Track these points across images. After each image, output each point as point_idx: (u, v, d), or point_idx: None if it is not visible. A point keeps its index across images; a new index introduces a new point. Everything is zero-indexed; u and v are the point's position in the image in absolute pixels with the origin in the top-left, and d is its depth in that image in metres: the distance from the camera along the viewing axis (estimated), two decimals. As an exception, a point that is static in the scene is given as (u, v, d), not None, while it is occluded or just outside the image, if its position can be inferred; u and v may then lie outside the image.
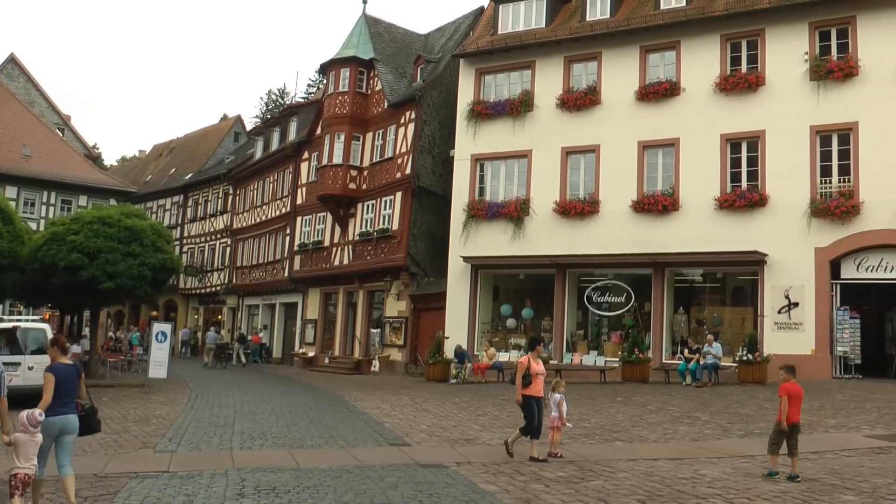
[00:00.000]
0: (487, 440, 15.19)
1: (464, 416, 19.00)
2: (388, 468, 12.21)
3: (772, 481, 11.16)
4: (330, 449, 14.35)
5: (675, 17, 29.27)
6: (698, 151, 28.27)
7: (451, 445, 14.59)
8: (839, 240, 26.07)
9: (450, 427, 17.07)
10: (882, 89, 26.07)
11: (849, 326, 25.85)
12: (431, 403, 21.58)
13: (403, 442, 15.04)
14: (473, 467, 12.35)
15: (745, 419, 17.66)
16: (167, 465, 12.45)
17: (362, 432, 16.37)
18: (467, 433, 16.13)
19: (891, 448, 13.95)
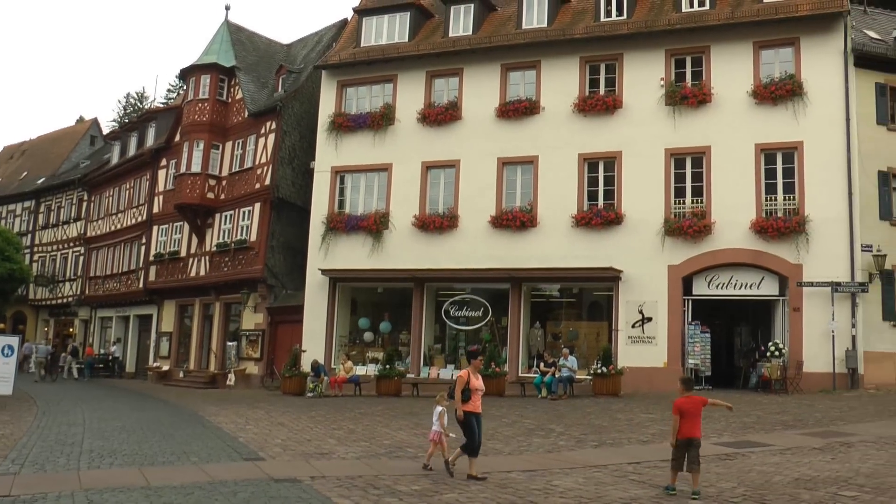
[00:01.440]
0: (342, 454, 15.05)
1: (319, 430, 18.78)
2: (241, 484, 11.92)
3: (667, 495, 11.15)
4: (182, 466, 13.87)
5: (536, 37, 29.80)
6: (557, 169, 28.82)
7: (305, 460, 14.37)
8: (691, 258, 27.11)
9: (305, 441, 16.84)
10: (733, 116, 27.42)
11: (700, 340, 26.98)
12: (287, 417, 21.25)
13: (257, 457, 14.72)
14: (328, 481, 12.19)
15: (599, 430, 18.02)
16: (9, 488, 11.61)
17: (216, 448, 16.00)
18: (322, 447, 15.93)
19: (736, 454, 14.50)
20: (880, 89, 27.86)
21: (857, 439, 16.06)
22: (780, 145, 27.01)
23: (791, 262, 26.28)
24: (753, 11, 27.69)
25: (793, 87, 26.88)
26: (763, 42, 27.75)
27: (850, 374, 25.56)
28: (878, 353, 26.22)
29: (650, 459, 13.99)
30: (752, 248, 26.62)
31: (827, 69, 27.06)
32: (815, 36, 27.39)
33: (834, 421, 18.98)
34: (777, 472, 12.78)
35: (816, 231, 26.24)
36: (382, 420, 20.47)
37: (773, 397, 24.11)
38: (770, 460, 13.86)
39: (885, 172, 27.44)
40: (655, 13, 29.16)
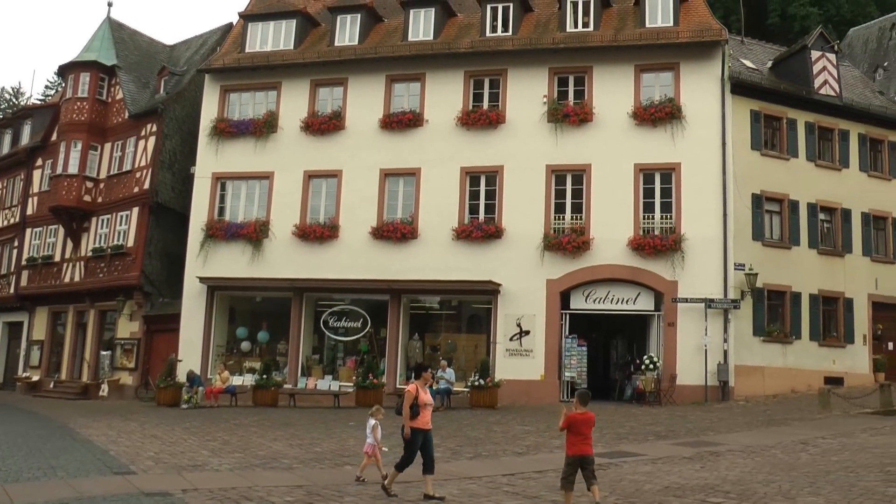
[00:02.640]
0: (216, 466, 14.78)
1: (193, 441, 18.38)
2: (110, 499, 11.56)
3: None
4: (49, 481, 13.28)
5: (421, 50, 29.81)
6: (439, 182, 28.84)
7: (178, 472, 14.04)
8: (570, 272, 27.50)
9: (178, 453, 16.45)
10: (613, 136, 28.02)
11: (576, 353, 27.40)
12: (161, 429, 20.69)
13: (128, 470, 14.27)
14: (200, 494, 11.98)
15: (475, 442, 18.10)
16: None
17: (85, 461, 15.43)
18: (196, 459, 15.61)
19: (610, 464, 14.76)
20: (755, 116, 28.84)
21: (725, 448, 16.64)
22: (658, 166, 27.66)
23: (667, 279, 26.90)
24: (635, 35, 28.32)
25: (672, 110, 27.59)
26: (644, 65, 28.43)
27: (722, 386, 26.35)
28: (749, 367, 27.18)
29: (524, 471, 14.12)
30: (630, 264, 27.15)
31: (705, 95, 27.89)
32: (694, 62, 28.21)
33: (705, 431, 19.57)
34: (648, 481, 13.06)
35: (692, 249, 26.94)
36: (258, 431, 20.12)
37: (647, 409, 24.72)
38: (642, 469, 14.17)
39: (759, 195, 28.38)
40: (540, 31, 29.55)
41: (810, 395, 26.29)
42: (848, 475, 13.23)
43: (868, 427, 19.84)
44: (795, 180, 29.33)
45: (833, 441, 17.63)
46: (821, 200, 29.79)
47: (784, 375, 27.92)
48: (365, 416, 22.61)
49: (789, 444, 17.20)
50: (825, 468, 14.06)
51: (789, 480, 12.91)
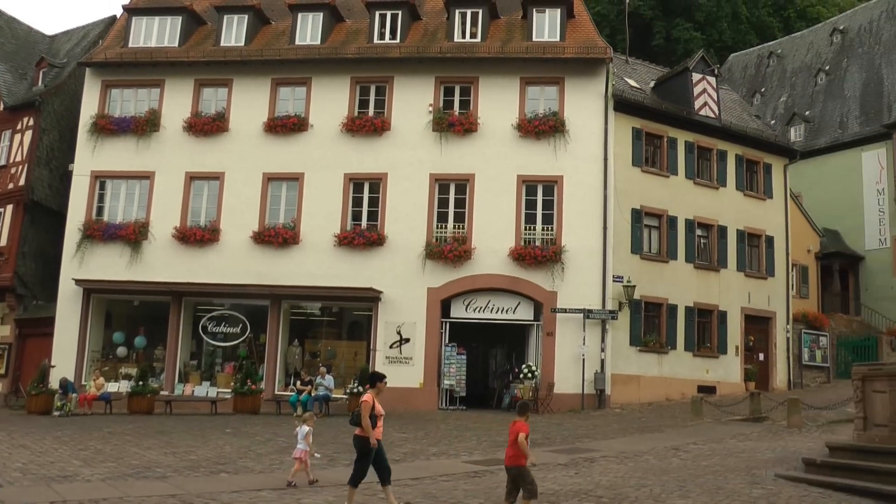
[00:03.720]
0: (87, 476, 14.21)
1: (64, 451, 17.62)
2: None
3: None
4: None
5: (308, 54, 29.55)
6: (322, 188, 28.60)
7: (47, 484, 13.41)
8: (451, 281, 27.62)
9: (48, 464, 15.69)
10: (497, 147, 28.29)
11: (456, 362, 27.57)
12: (30, 438, 19.72)
13: None
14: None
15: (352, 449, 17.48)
16: None
17: None
18: (66, 470, 14.95)
19: (485, 472, 14.93)
20: (636, 133, 29.53)
21: (600, 455, 17.07)
22: (541, 178, 28.04)
23: (547, 289, 27.27)
24: (522, 48, 28.66)
25: (556, 123, 28.01)
26: (530, 78, 28.80)
27: (598, 394, 26.90)
28: (625, 376, 27.83)
29: (401, 478, 13.98)
30: (510, 274, 27.43)
31: (588, 110, 28.45)
32: (579, 78, 28.74)
33: (580, 438, 19.98)
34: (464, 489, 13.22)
35: (572, 261, 27.38)
36: (132, 439, 19.46)
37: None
38: None
39: (638, 210, 29.04)
40: (428, 40, 29.64)
41: (684, 403, 27.01)
42: (716, 478, 13.74)
43: (737, 433, 20.60)
44: (674, 197, 30.13)
45: (704, 446, 18.25)
46: (698, 217, 30.65)
47: (659, 384, 28.62)
48: (242, 422, 22.57)
49: (662, 449, 17.71)
50: (695, 472, 14.56)
51: (660, 484, 13.26)
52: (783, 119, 47.15)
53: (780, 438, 19.52)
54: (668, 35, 58.93)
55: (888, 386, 13.83)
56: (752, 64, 54.55)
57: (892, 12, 46.94)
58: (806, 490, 12.81)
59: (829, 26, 51.72)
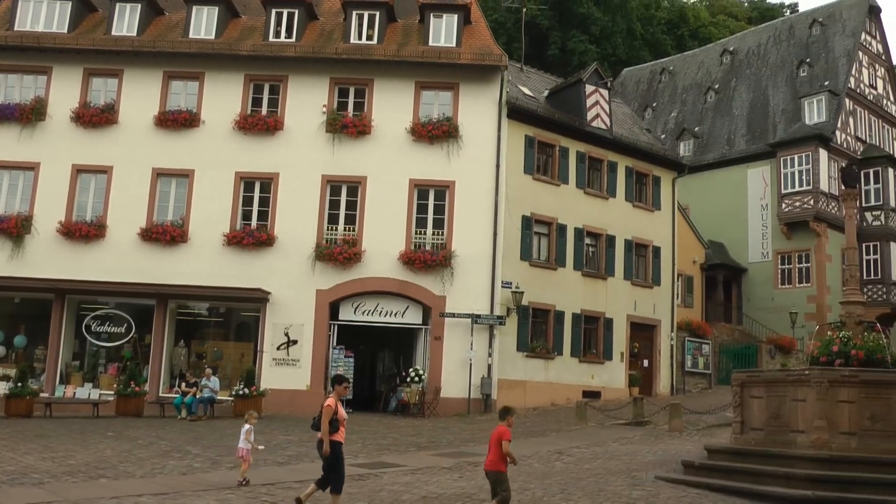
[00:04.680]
0: None
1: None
2: None
3: None
4: None
5: (202, 48, 29.03)
6: (212, 186, 28.15)
7: None
8: (340, 283, 27.53)
9: None
10: (390, 150, 28.34)
11: (343, 364, 27.42)
12: None
13: None
14: None
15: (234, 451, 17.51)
16: None
17: None
18: None
19: (370, 475, 14.94)
20: (529, 141, 29.94)
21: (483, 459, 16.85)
22: (433, 182, 28.20)
23: (436, 294, 27.44)
24: (418, 52, 28.75)
25: (449, 129, 28.19)
26: (425, 83, 28.95)
27: (485, 399, 27.20)
28: (511, 381, 28.17)
29: (285, 481, 14.03)
30: (400, 278, 27.49)
31: (482, 117, 28.76)
32: (473, 84, 29.02)
33: (465, 442, 20.12)
34: (406, 491, 13.28)
35: (461, 266, 27.61)
36: (8, 444, 18.52)
37: (410, 420, 25.07)
38: (401, 480, 14.36)
39: (529, 217, 29.46)
40: (324, 40, 29.45)
41: (569, 407, 27.53)
42: (598, 481, 14.06)
43: (620, 437, 21.17)
44: (565, 205, 30.67)
45: (587, 450, 18.63)
46: (588, 226, 31.28)
47: (545, 389, 29.06)
48: (125, 425, 22.05)
49: (545, 453, 17.96)
50: (577, 475, 14.87)
51: (543, 488, 13.46)
52: (673, 134, 48.56)
53: (662, 442, 20.10)
54: (563, 46, 60.02)
55: (765, 392, 14.48)
56: (645, 79, 55.95)
57: (779, 38, 48.91)
58: (684, 491, 13.25)
59: (719, 47, 53.57)
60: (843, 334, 14.70)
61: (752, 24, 71.81)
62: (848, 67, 43.88)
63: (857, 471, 12.72)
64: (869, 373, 13.65)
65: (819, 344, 15.04)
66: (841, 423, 13.31)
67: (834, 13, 47.11)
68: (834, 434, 13.27)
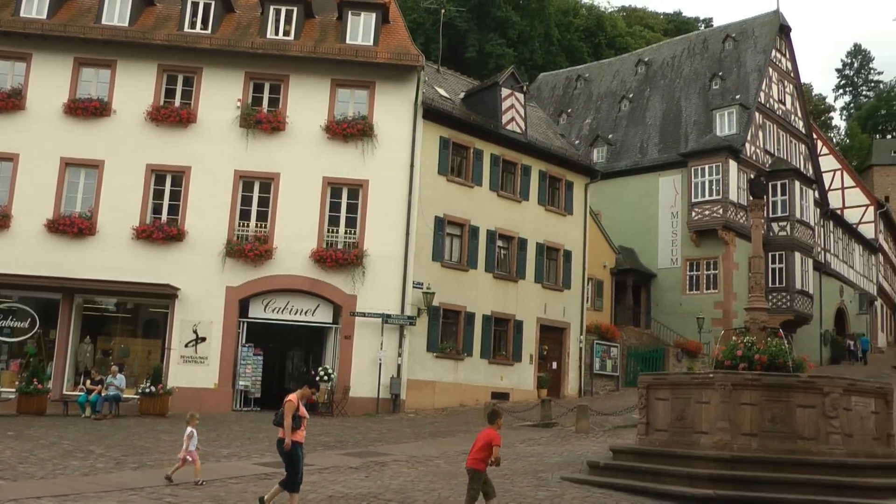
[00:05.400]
0: None
1: None
2: None
3: None
4: None
5: (114, 35, 28.29)
6: (122, 177, 27.51)
7: None
8: (251, 281, 27.26)
9: None
10: (304, 147, 28.19)
11: (252, 362, 27.26)
12: None
13: None
14: None
15: (141, 451, 17.51)
16: None
17: None
18: None
19: (275, 474, 14.66)
20: (444, 143, 30.11)
21: (391, 459, 17.29)
22: (347, 181, 28.16)
23: (346, 293, 27.42)
24: (334, 50, 28.66)
25: (364, 127, 28.18)
26: (341, 81, 28.86)
27: (394, 399, 27.28)
28: (420, 381, 28.33)
29: (188, 481, 13.82)
30: (311, 276, 27.40)
31: (397, 117, 28.84)
32: (390, 84, 29.06)
33: (373, 442, 20.21)
34: (312, 491, 13.23)
35: (373, 265, 27.66)
36: None
37: (319, 420, 24.82)
38: (308, 480, 14.13)
39: (441, 218, 29.62)
40: (240, 33, 29.13)
41: (477, 408, 27.67)
42: (504, 482, 14.09)
43: (527, 438, 21.42)
44: (478, 207, 30.93)
45: (494, 451, 18.71)
46: (500, 228, 31.59)
47: (454, 390, 29.25)
48: (26, 424, 21.55)
49: (453, 454, 18.06)
50: (484, 476, 14.91)
51: (449, 488, 13.55)
52: (587, 140, 49.31)
53: (568, 443, 20.39)
54: (481, 49, 60.48)
55: (670, 394, 14.81)
56: (561, 85, 56.73)
57: (693, 51, 50.15)
58: (589, 491, 13.47)
59: (634, 57, 54.70)
60: (747, 339, 15.16)
61: (667, 35, 73.54)
62: (758, 83, 45.17)
63: (757, 470, 13.12)
64: (771, 376, 14.09)
65: (724, 348, 15.49)
66: (743, 425, 13.71)
67: (746, 30, 48.49)
68: (736, 435, 13.66)
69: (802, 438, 13.59)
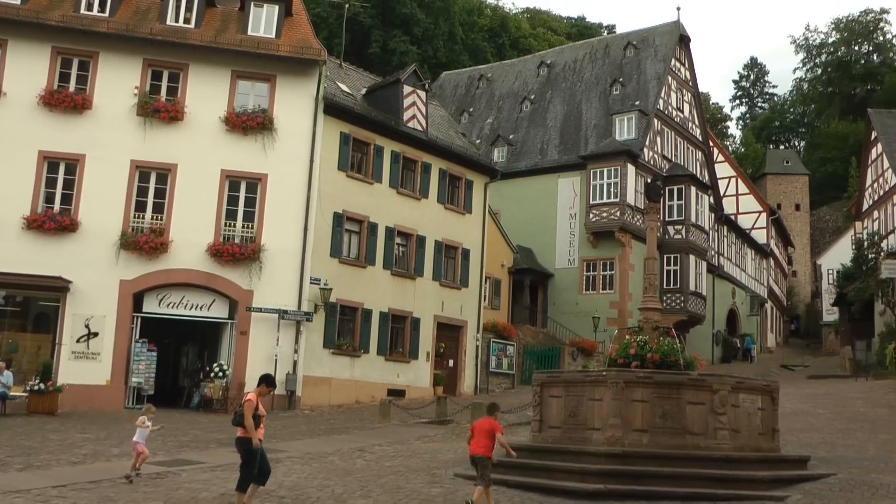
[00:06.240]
0: None
1: None
2: None
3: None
4: None
5: (6, 13, 26.92)
6: (12, 164, 26.43)
7: None
8: (146, 274, 26.70)
9: None
10: (203, 138, 27.72)
11: (146, 358, 26.68)
12: None
13: None
14: None
15: (27, 452, 16.98)
16: None
17: None
18: None
19: (168, 473, 14.71)
20: (344, 138, 30.03)
21: (285, 455, 17.16)
22: (245, 174, 27.86)
23: (243, 288, 27.14)
24: (236, 41, 28.31)
25: (264, 121, 27.91)
26: (241, 72, 28.52)
27: (289, 395, 27.12)
28: (316, 378, 28.20)
29: (78, 482, 13.56)
30: (207, 270, 27.01)
31: (298, 111, 28.64)
32: (291, 77, 28.85)
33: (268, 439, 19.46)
34: (205, 489, 13.19)
35: (270, 260, 27.43)
36: None
37: (213, 417, 24.67)
38: (200, 477, 14.19)
39: (340, 214, 29.56)
40: (139, 19, 28.33)
41: (373, 405, 27.68)
42: (398, 479, 14.34)
43: (422, 435, 21.56)
44: (377, 204, 30.95)
45: (388, 448, 18.93)
46: (399, 226, 31.69)
47: (350, 387, 29.23)
48: None
49: (347, 451, 18.14)
50: (378, 473, 15.12)
51: (343, 485, 13.62)
52: (488, 140, 49.73)
53: (463, 440, 20.36)
54: (384, 45, 60.54)
55: (564, 392, 15.14)
56: (463, 84, 57.11)
57: (595, 56, 51.08)
58: (482, 488, 13.62)
59: (537, 59, 55.44)
60: (640, 338, 15.56)
61: (570, 39, 74.74)
62: (658, 90, 46.27)
63: (647, 465, 13.50)
64: (662, 374, 14.53)
65: (617, 347, 15.88)
66: (634, 421, 14.08)
67: (647, 38, 49.58)
68: (627, 431, 14.01)
69: (692, 434, 14.05)
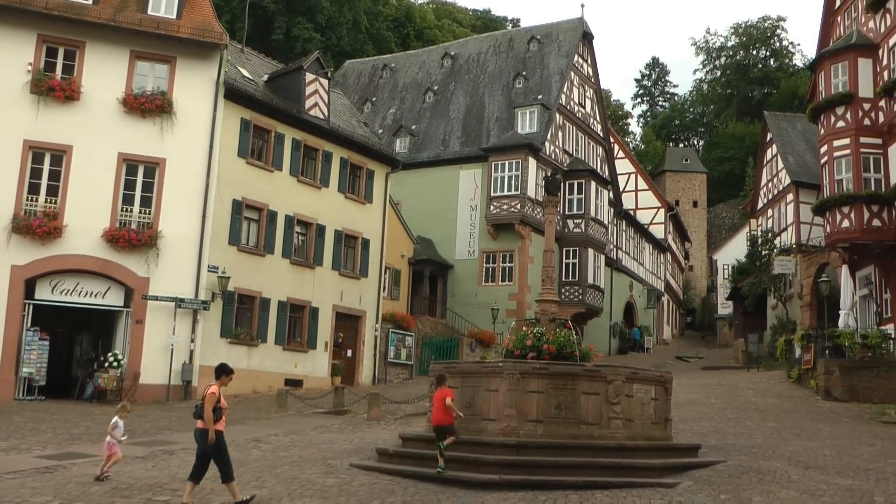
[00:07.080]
0: None
1: None
2: None
3: None
4: None
5: None
6: None
7: None
8: (38, 260, 25.75)
9: None
10: (100, 120, 26.86)
11: (37, 348, 25.72)
12: None
13: None
14: None
15: None
16: None
17: None
18: None
19: (58, 466, 14.35)
20: (245, 125, 29.60)
21: (179, 447, 16.94)
22: (143, 158, 27.18)
23: (139, 275, 26.54)
24: (135, 20, 27.51)
25: (163, 104, 27.27)
26: (141, 53, 27.79)
27: (185, 386, 26.70)
28: (213, 368, 27.32)
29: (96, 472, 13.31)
30: (103, 256, 26.27)
31: (198, 95, 28.10)
32: (191, 60, 28.29)
33: (162, 430, 19.82)
34: (96, 483, 12.87)
35: (167, 247, 26.89)
36: None
37: (107, 408, 23.81)
38: (91, 471, 13.82)
39: (240, 202, 29.16)
40: (33, -9, 27.28)
41: (271, 395, 27.51)
42: (293, 469, 14.25)
43: (319, 425, 21.53)
44: (277, 192, 30.64)
45: (285, 438, 18.82)
46: (299, 214, 31.43)
47: (248, 377, 28.68)
48: None
49: (242, 441, 17.93)
50: (273, 463, 15.01)
51: (237, 476, 13.29)
52: (391, 130, 49.74)
53: (360, 430, 20.62)
54: (288, 32, 59.94)
55: (460, 382, 15.22)
56: (367, 73, 56.94)
57: (499, 49, 51.51)
58: (377, 478, 13.64)
59: (441, 50, 55.64)
60: (536, 330, 15.75)
61: (475, 32, 75.19)
62: (560, 85, 46.89)
63: (542, 455, 13.68)
64: (558, 365, 14.73)
65: (514, 338, 16.01)
66: (530, 412, 14.23)
67: (551, 33, 50.22)
68: (522, 422, 14.16)
69: (586, 424, 14.30)
